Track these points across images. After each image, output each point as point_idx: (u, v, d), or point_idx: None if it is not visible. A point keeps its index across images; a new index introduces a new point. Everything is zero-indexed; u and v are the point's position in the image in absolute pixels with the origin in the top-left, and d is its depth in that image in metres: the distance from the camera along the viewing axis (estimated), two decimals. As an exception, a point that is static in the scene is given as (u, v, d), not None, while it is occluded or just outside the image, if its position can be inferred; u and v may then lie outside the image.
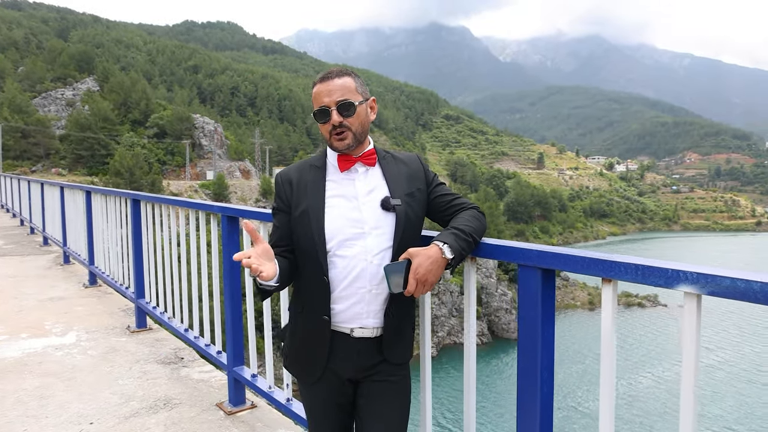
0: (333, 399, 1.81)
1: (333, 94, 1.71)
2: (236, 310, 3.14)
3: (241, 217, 3.06)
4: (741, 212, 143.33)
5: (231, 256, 3.11)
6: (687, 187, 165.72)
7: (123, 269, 5.24)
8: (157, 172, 57.05)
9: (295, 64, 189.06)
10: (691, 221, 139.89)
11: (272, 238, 1.83)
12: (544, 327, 1.57)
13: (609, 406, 1.47)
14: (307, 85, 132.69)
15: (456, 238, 1.65)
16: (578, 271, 1.49)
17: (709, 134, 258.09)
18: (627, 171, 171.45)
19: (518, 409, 1.65)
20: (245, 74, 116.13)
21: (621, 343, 47.59)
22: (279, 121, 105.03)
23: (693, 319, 1.26)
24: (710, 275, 1.19)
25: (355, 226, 1.70)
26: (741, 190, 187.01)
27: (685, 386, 1.27)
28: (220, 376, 3.69)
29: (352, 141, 1.73)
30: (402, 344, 1.82)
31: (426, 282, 1.61)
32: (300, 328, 1.82)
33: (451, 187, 1.94)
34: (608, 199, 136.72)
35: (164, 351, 4.21)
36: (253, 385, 2.98)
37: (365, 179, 1.77)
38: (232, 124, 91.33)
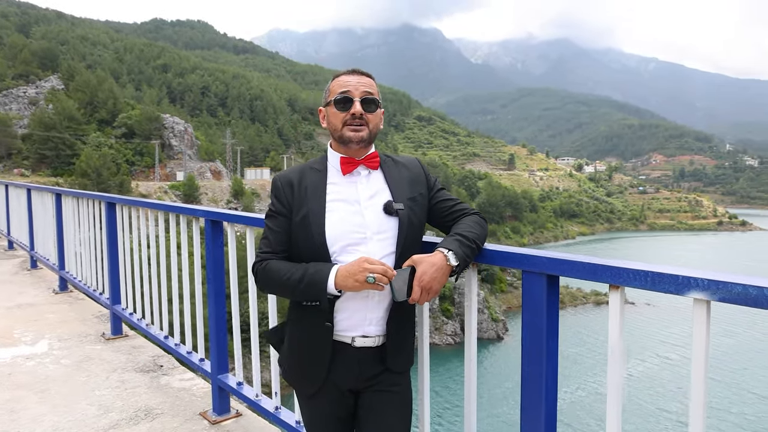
0: (334, 412, 1.76)
1: (360, 86, 1.70)
2: (220, 316, 3.06)
3: (226, 221, 2.99)
4: (704, 212, 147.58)
5: (215, 261, 3.03)
6: (653, 187, 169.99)
7: (97, 274, 5.07)
8: (126, 173, 55.82)
9: (266, 64, 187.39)
10: (657, 221, 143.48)
11: (268, 243, 1.74)
12: (549, 333, 1.56)
13: (616, 410, 1.46)
14: (278, 86, 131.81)
15: (460, 245, 1.62)
16: (585, 277, 1.46)
17: (673, 136, 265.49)
18: (595, 172, 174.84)
19: (522, 416, 1.63)
20: (216, 74, 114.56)
21: (593, 340, 48.46)
22: (250, 122, 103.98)
23: (702, 326, 1.25)
24: (722, 282, 1.18)
25: (357, 231, 1.66)
26: (703, 191, 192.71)
27: (696, 389, 1.26)
28: (202, 384, 3.59)
29: (367, 136, 1.70)
30: (404, 352, 1.79)
31: (431, 289, 1.59)
32: (299, 338, 1.76)
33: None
34: (578, 200, 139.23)
35: (142, 359, 4.09)
36: (240, 394, 2.90)
37: (367, 183, 1.74)
38: (202, 125, 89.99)
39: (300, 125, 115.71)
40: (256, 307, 2.84)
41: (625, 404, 35.24)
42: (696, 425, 1.26)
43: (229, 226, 2.94)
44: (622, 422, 1.49)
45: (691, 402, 1.28)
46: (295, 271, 1.63)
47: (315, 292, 1.60)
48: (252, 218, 2.78)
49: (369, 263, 1.56)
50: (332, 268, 1.60)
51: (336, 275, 1.58)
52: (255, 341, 2.82)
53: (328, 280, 1.58)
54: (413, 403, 1.88)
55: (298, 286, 1.61)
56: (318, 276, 1.60)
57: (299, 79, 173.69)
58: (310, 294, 1.61)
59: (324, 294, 1.59)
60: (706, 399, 1.25)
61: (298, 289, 1.62)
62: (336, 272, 1.59)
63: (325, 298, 1.61)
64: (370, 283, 1.55)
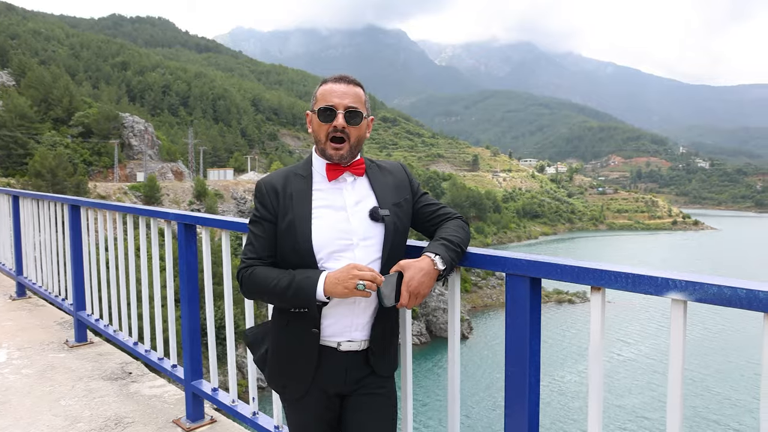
0: (321, 415, 1.76)
1: (345, 98, 1.68)
2: (194, 321, 3.00)
3: (200, 225, 2.93)
4: (659, 212, 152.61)
5: (188, 265, 2.98)
6: (611, 188, 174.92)
7: (59, 280, 4.90)
8: (83, 174, 54.09)
9: (230, 63, 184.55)
10: (616, 221, 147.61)
11: (253, 249, 1.73)
12: (531, 334, 1.59)
13: (597, 411, 1.50)
14: (242, 85, 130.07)
15: (446, 249, 1.64)
16: (568, 279, 1.50)
17: (630, 138, 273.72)
18: (557, 173, 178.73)
19: (506, 416, 1.65)
20: (177, 72, 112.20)
21: (553, 338, 49.43)
22: (213, 122, 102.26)
23: (680, 325, 1.31)
24: (698, 283, 1.23)
25: (343, 238, 1.66)
26: (659, 192, 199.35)
27: (672, 384, 1.31)
28: (174, 390, 3.51)
29: (347, 153, 1.69)
30: (389, 356, 1.80)
31: (418, 294, 1.59)
32: (286, 343, 1.75)
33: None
34: (540, 201, 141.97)
35: (110, 366, 3.97)
36: (215, 400, 2.86)
37: (353, 189, 1.73)
38: (163, 124, 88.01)
39: (264, 125, 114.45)
40: (232, 312, 2.80)
41: (580, 403, 36.05)
42: (673, 420, 1.31)
43: (203, 229, 2.89)
44: (602, 421, 1.53)
45: (668, 399, 1.32)
46: (282, 278, 1.62)
47: (304, 299, 1.60)
48: (227, 222, 2.75)
49: (358, 270, 1.56)
50: (321, 275, 1.59)
51: (325, 282, 1.58)
52: (231, 346, 2.78)
53: (317, 287, 1.58)
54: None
55: (285, 293, 1.60)
56: (306, 283, 1.59)
57: (263, 78, 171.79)
58: (299, 301, 1.61)
59: (313, 301, 1.59)
60: (683, 395, 1.30)
61: (285, 296, 1.61)
62: (325, 279, 1.58)
63: (314, 305, 1.61)
64: (359, 290, 1.55)
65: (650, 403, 36.06)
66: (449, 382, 1.87)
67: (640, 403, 36.10)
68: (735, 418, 34.38)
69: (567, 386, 38.94)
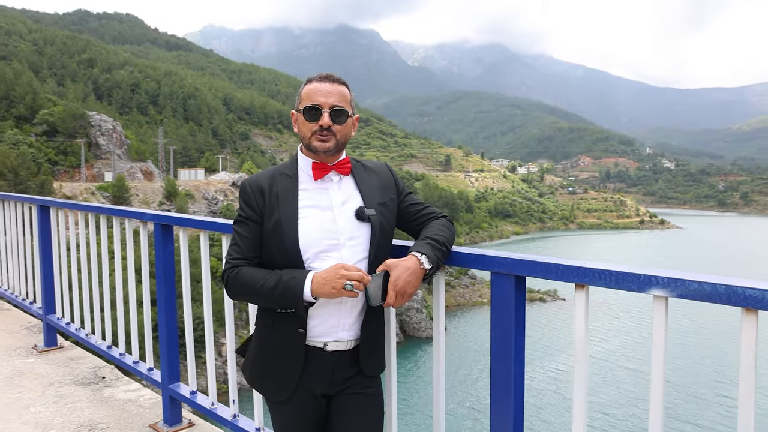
0: (307, 416, 1.76)
1: (330, 96, 1.69)
2: (171, 323, 2.95)
3: (177, 225, 2.88)
4: (627, 211, 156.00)
5: (165, 266, 2.92)
6: (581, 188, 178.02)
7: (27, 282, 4.76)
8: (48, 173, 52.63)
9: (200, 62, 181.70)
10: (586, 220, 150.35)
11: (239, 249, 1.72)
12: (517, 331, 1.62)
13: (581, 407, 1.53)
14: (213, 84, 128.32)
15: (432, 249, 1.65)
16: (552, 277, 1.52)
17: (599, 139, 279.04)
18: (528, 173, 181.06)
19: (492, 413, 1.67)
20: (147, 70, 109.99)
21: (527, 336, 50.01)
22: (184, 121, 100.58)
23: (661, 320, 1.35)
24: (680, 279, 1.27)
25: (330, 237, 1.66)
26: (627, 191, 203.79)
27: (655, 379, 1.36)
28: (150, 394, 3.44)
29: (334, 146, 1.70)
30: (375, 355, 1.81)
31: (405, 293, 1.60)
32: (271, 344, 1.74)
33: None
34: (511, 200, 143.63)
35: (81, 371, 3.87)
36: (194, 403, 2.81)
37: (339, 189, 1.74)
38: (132, 123, 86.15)
39: (236, 125, 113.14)
40: (211, 313, 2.76)
41: (551, 399, 36.60)
42: (655, 415, 1.35)
43: (181, 230, 2.84)
44: (586, 418, 1.54)
45: (651, 392, 1.36)
46: (269, 278, 1.61)
47: (291, 300, 1.60)
48: (206, 222, 2.71)
49: (346, 269, 1.56)
50: (308, 275, 1.59)
51: (312, 282, 1.58)
52: (210, 348, 2.74)
53: (305, 288, 1.58)
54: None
55: (272, 293, 1.60)
56: (293, 283, 1.59)
57: (235, 77, 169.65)
58: (286, 301, 1.61)
59: (300, 301, 1.59)
60: (664, 390, 1.35)
61: (272, 296, 1.61)
62: (312, 279, 1.58)
63: (302, 305, 1.61)
64: (347, 290, 1.55)
65: (616, 399, 36.76)
66: (434, 380, 1.87)
67: (607, 399, 36.80)
68: (697, 413, 35.30)
69: (537, 384, 39.54)
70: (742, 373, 1.22)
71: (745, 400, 1.22)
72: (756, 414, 1.21)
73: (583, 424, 1.53)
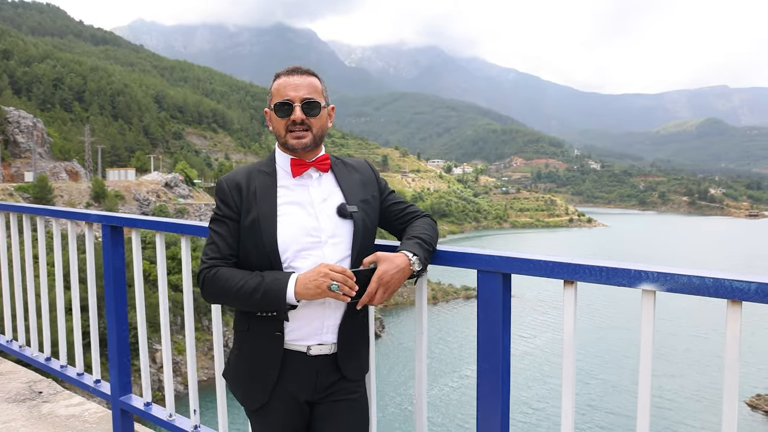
0: (290, 424, 1.68)
1: (299, 89, 1.63)
2: (122, 331, 2.77)
3: (128, 227, 2.70)
4: (557, 211, 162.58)
5: (115, 271, 2.73)
6: (514, 188, 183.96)
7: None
8: (-42, 173, 48.80)
9: (130, 57, 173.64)
10: (519, 219, 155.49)
11: (216, 248, 1.63)
12: (503, 328, 1.61)
13: (570, 403, 1.53)
14: (144, 81, 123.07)
15: (421, 249, 1.63)
16: (541, 274, 1.52)
17: (531, 141, 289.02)
18: (463, 174, 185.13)
19: (478, 409, 1.66)
20: (71, 64, 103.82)
21: (463, 335, 51.08)
22: (112, 119, 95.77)
23: (649, 315, 1.37)
24: (669, 274, 1.30)
25: (311, 235, 1.61)
26: (557, 191, 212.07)
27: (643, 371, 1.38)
28: (95, 408, 3.22)
29: (311, 142, 1.64)
30: (359, 359, 1.77)
31: (388, 289, 1.57)
32: (247, 348, 1.68)
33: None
34: (447, 200, 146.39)
35: (14, 386, 3.57)
36: (149, 415, 2.64)
37: (319, 185, 1.69)
38: (55, 120, 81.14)
39: (168, 124, 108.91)
40: (168, 320, 2.61)
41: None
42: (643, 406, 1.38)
43: (133, 231, 2.67)
44: (574, 410, 1.54)
45: (639, 384, 1.38)
46: (249, 280, 1.55)
47: (273, 303, 1.55)
48: (162, 223, 2.56)
49: (330, 269, 1.52)
50: (291, 277, 1.55)
51: (296, 284, 1.53)
52: (167, 356, 2.59)
53: (287, 290, 1.53)
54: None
55: (252, 296, 1.54)
56: (276, 285, 1.54)
57: (167, 74, 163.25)
58: (268, 304, 1.56)
59: (283, 304, 1.54)
60: (651, 382, 1.37)
61: (252, 299, 1.55)
62: (295, 281, 1.54)
63: (284, 308, 1.56)
64: (333, 291, 1.51)
65: (545, 394, 37.82)
66: (416, 380, 1.84)
67: (535, 394, 37.97)
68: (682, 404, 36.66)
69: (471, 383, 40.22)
70: (728, 361, 1.25)
71: (729, 389, 1.25)
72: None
73: (571, 419, 1.53)
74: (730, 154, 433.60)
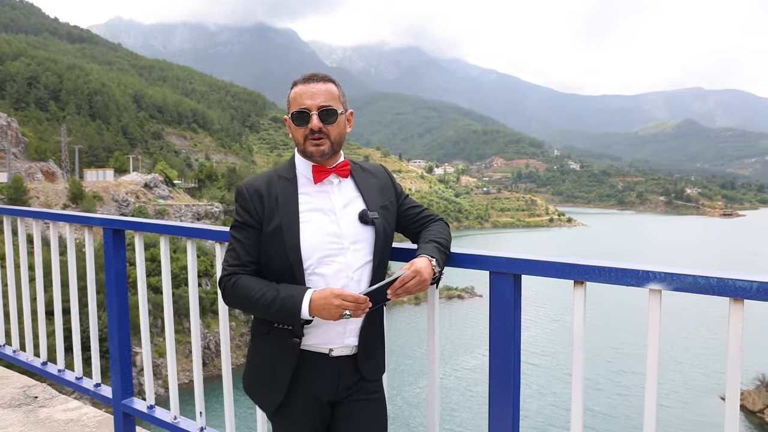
0: (311, 424, 1.72)
1: (316, 97, 1.64)
2: (124, 334, 2.77)
3: (131, 230, 2.70)
4: (538, 210, 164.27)
5: (116, 274, 2.73)
6: (495, 188, 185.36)
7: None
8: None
9: (107, 56, 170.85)
10: (500, 219, 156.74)
11: (236, 255, 1.65)
12: (515, 327, 1.66)
13: (578, 401, 1.59)
14: (122, 80, 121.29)
15: (439, 253, 1.68)
16: (551, 275, 1.58)
17: (511, 142, 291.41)
18: (445, 174, 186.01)
19: (490, 406, 1.72)
20: (46, 63, 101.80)
21: (449, 332, 51.30)
22: (90, 118, 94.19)
23: (656, 313, 1.43)
24: (675, 274, 1.36)
25: (334, 242, 1.63)
26: (537, 191, 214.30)
27: (650, 368, 1.44)
28: (93, 412, 3.20)
29: (329, 149, 1.66)
30: (376, 359, 1.80)
31: (409, 287, 1.57)
32: (265, 351, 1.71)
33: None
34: (429, 200, 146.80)
35: (8, 392, 3.53)
36: (153, 418, 2.65)
37: (340, 192, 1.71)
38: (30, 119, 79.52)
39: (147, 124, 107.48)
40: (172, 322, 2.62)
41: (466, 396, 37.59)
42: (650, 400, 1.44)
43: (136, 234, 2.67)
44: (583, 404, 1.60)
45: (647, 381, 1.43)
46: (266, 292, 1.57)
47: (288, 318, 1.57)
48: (165, 226, 2.57)
49: (341, 299, 1.51)
50: (305, 295, 1.55)
51: (310, 304, 1.54)
52: (171, 358, 2.59)
53: (302, 307, 1.55)
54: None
55: (270, 308, 1.56)
56: (291, 302, 1.55)
57: (145, 74, 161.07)
58: (283, 318, 1.58)
59: (298, 320, 1.57)
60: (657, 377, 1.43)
61: (270, 311, 1.57)
62: (310, 299, 1.55)
63: (299, 323, 1.59)
64: (345, 318, 1.52)
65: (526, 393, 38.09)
66: (429, 380, 1.89)
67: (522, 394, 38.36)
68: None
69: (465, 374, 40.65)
70: (731, 357, 1.31)
71: (732, 383, 1.31)
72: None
73: (580, 417, 1.59)
74: (706, 154, 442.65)
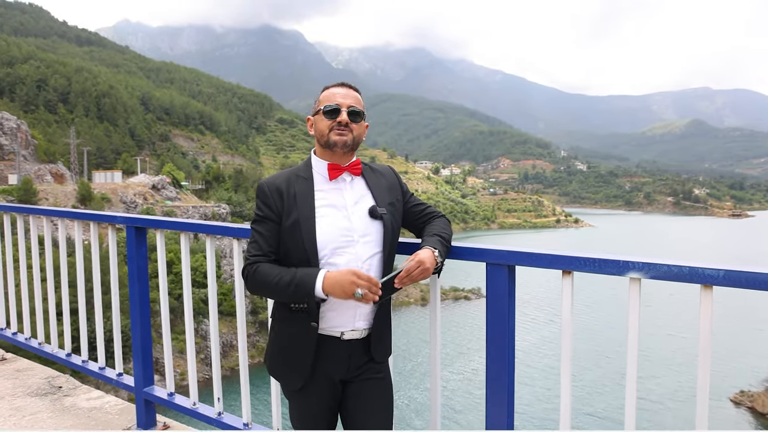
0: (325, 401, 1.89)
1: (348, 99, 1.88)
2: (146, 327, 2.94)
3: (151, 227, 2.88)
4: (545, 211, 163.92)
5: (139, 270, 2.91)
6: (502, 189, 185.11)
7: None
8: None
9: (115, 59, 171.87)
10: (506, 220, 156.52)
11: (258, 246, 1.84)
12: (509, 316, 1.80)
13: (567, 396, 1.71)
14: (129, 82, 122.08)
15: (441, 245, 1.86)
16: (542, 265, 1.71)
17: (518, 142, 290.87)
18: (451, 175, 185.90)
19: (487, 393, 1.86)
20: (55, 65, 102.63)
21: (455, 333, 51.36)
22: (98, 120, 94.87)
23: (636, 301, 1.56)
24: (652, 263, 1.51)
25: (345, 235, 1.81)
26: (544, 192, 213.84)
27: (630, 355, 1.55)
28: (115, 400, 3.38)
29: (350, 141, 1.86)
30: (384, 343, 1.97)
31: (414, 276, 1.74)
32: (286, 334, 1.87)
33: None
34: (435, 201, 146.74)
35: (34, 382, 3.71)
36: (173, 404, 2.82)
37: (352, 189, 1.90)
38: (39, 122, 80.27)
39: (155, 125, 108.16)
40: (192, 313, 2.79)
41: (452, 398, 37.59)
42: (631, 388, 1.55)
43: (158, 232, 2.84)
44: (571, 391, 1.72)
45: (627, 369, 1.55)
46: (284, 275, 1.74)
47: (303, 296, 1.72)
48: (185, 223, 2.74)
49: (357, 276, 1.66)
50: (320, 273, 1.71)
51: (324, 281, 1.69)
52: (191, 348, 2.76)
53: (316, 285, 1.69)
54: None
55: (287, 289, 1.72)
56: (306, 280, 1.70)
57: (153, 76, 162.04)
58: (299, 297, 1.73)
59: (312, 297, 1.72)
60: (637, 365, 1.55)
61: (287, 292, 1.73)
62: (324, 278, 1.70)
63: (313, 301, 1.75)
64: (357, 297, 1.65)
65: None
66: (431, 368, 2.05)
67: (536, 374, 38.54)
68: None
69: (471, 374, 40.75)
70: (702, 341, 1.43)
71: (703, 367, 1.42)
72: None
73: (569, 398, 1.72)
74: (714, 154, 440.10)
